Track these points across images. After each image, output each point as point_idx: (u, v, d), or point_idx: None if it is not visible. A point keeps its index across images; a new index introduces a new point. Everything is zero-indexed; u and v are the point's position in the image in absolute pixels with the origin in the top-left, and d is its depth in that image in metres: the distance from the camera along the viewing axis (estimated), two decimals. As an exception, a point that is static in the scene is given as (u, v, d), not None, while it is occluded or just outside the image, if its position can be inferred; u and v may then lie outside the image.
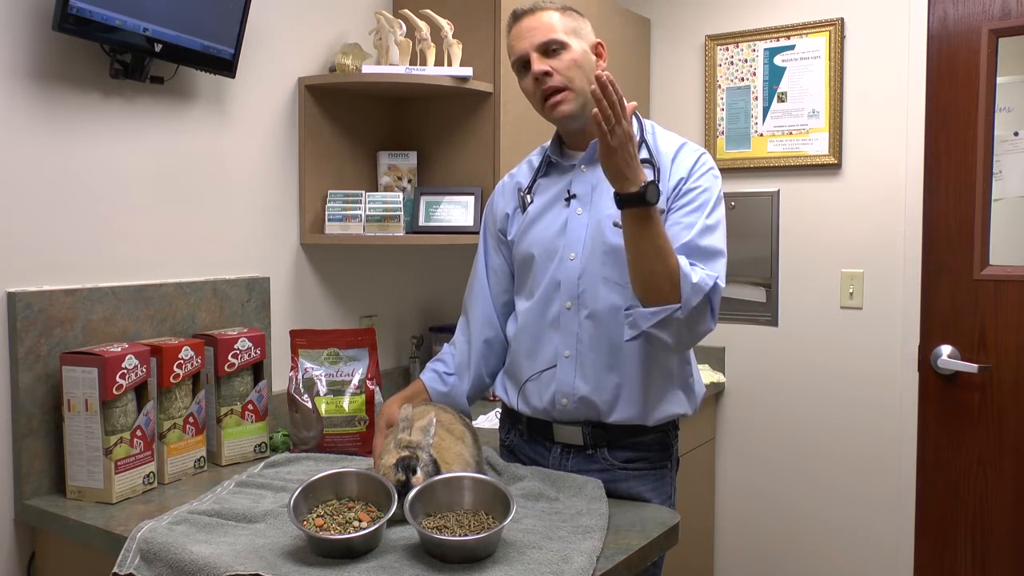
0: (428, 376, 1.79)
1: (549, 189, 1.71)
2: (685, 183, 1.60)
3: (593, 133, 1.65)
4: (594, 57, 1.65)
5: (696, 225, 1.56)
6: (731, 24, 2.92)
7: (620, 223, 1.58)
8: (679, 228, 1.56)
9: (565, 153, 1.73)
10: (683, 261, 1.49)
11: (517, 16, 1.65)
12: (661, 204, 1.59)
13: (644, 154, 1.64)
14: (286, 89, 2.26)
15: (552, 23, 1.61)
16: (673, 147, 1.65)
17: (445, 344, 1.86)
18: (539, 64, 1.60)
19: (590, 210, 1.64)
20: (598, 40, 1.68)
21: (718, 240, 1.57)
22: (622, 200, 1.44)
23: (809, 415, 2.84)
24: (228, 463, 1.90)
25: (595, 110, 1.37)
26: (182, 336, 1.93)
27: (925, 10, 2.59)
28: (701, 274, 1.49)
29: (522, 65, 1.64)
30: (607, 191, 1.63)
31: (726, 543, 3.03)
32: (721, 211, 1.61)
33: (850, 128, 2.74)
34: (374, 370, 2.01)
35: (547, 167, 1.74)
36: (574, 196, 1.66)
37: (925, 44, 2.60)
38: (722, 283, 1.53)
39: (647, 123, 1.71)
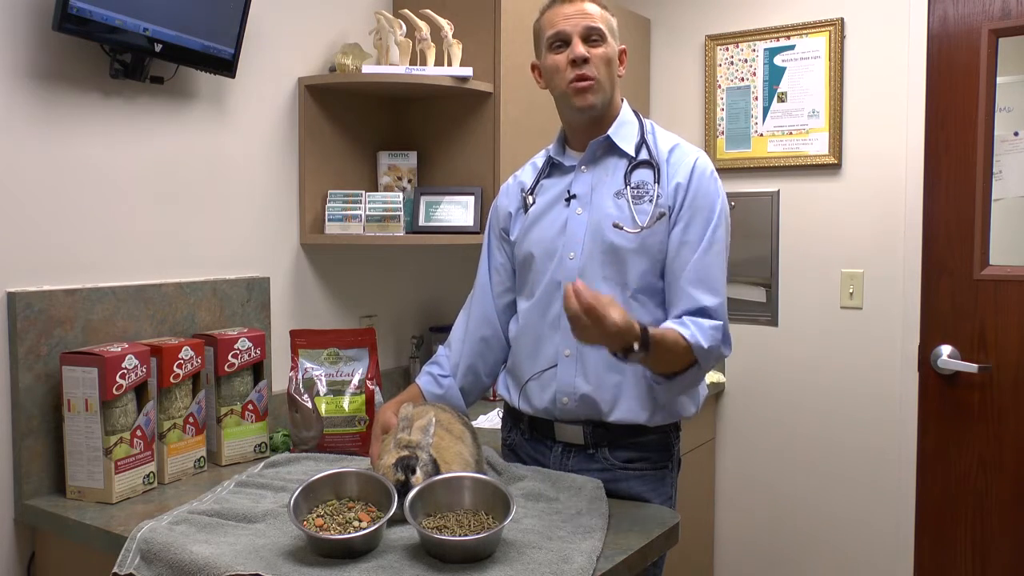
0: (424, 380, 1.79)
1: (551, 190, 1.72)
2: (687, 191, 1.60)
3: (593, 133, 1.67)
4: (618, 61, 1.67)
5: (701, 242, 1.58)
6: (731, 24, 2.92)
7: (620, 224, 1.59)
8: (685, 247, 1.59)
9: (567, 153, 1.74)
10: (689, 334, 1.51)
11: None
12: (662, 207, 1.59)
13: (644, 155, 1.65)
14: (286, 89, 2.26)
15: (597, 14, 1.63)
16: (668, 147, 1.66)
17: (440, 346, 1.86)
18: (581, 48, 1.60)
19: (590, 210, 1.64)
20: (623, 47, 1.70)
21: (721, 255, 1.60)
22: (620, 358, 1.44)
23: (809, 415, 2.84)
24: (228, 463, 1.90)
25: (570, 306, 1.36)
26: (182, 336, 1.93)
27: (925, 10, 2.59)
28: (710, 334, 1.53)
29: (558, 42, 1.64)
30: (607, 191, 1.64)
31: (726, 543, 3.03)
32: (724, 220, 1.61)
33: (850, 128, 2.74)
34: (374, 370, 2.01)
35: (550, 168, 1.75)
36: (574, 196, 1.67)
37: (925, 44, 2.60)
38: (724, 312, 1.58)
39: (647, 122, 1.71)
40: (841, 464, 2.78)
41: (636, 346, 1.40)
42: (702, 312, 1.56)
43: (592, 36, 1.62)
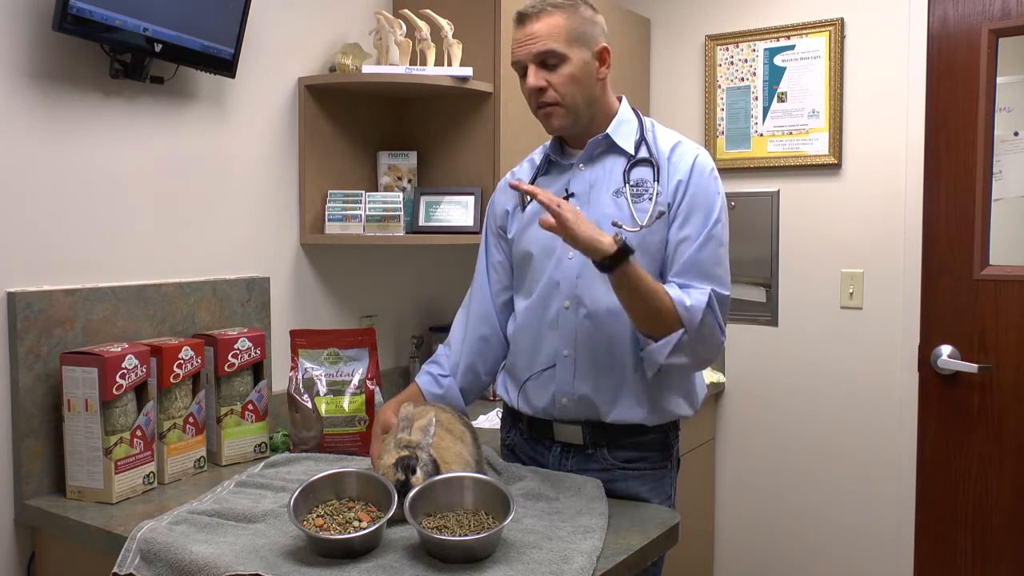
0: (424, 380, 1.78)
1: (549, 187, 1.70)
2: (687, 188, 1.59)
3: (589, 134, 1.66)
4: (597, 63, 1.62)
5: (698, 238, 1.57)
6: (731, 24, 2.92)
7: (619, 223, 1.58)
8: (683, 242, 1.58)
9: (565, 152, 1.73)
10: (674, 291, 1.52)
11: (522, 18, 1.61)
12: (662, 205, 1.59)
13: (644, 153, 1.64)
14: (286, 89, 2.26)
15: (555, 30, 1.57)
16: (669, 145, 1.64)
17: (440, 345, 1.86)
18: (534, 79, 1.58)
19: (588, 209, 1.63)
20: (604, 45, 1.63)
21: (718, 251, 1.58)
22: (603, 267, 1.44)
23: (809, 415, 2.84)
24: (228, 463, 1.90)
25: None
26: (182, 336, 1.93)
27: (925, 10, 2.59)
28: (695, 295, 1.52)
29: (520, 71, 1.64)
30: (605, 190, 1.64)
31: (726, 543, 3.03)
32: (723, 217, 1.60)
33: (850, 128, 2.74)
34: (374, 370, 2.01)
35: (547, 166, 1.74)
36: (572, 195, 1.66)
37: (925, 44, 2.60)
38: (722, 291, 1.56)
39: (647, 120, 1.70)
40: (841, 464, 2.78)
41: (614, 247, 1.41)
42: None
43: (548, 60, 1.58)
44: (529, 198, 1.71)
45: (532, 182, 1.74)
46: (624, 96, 1.73)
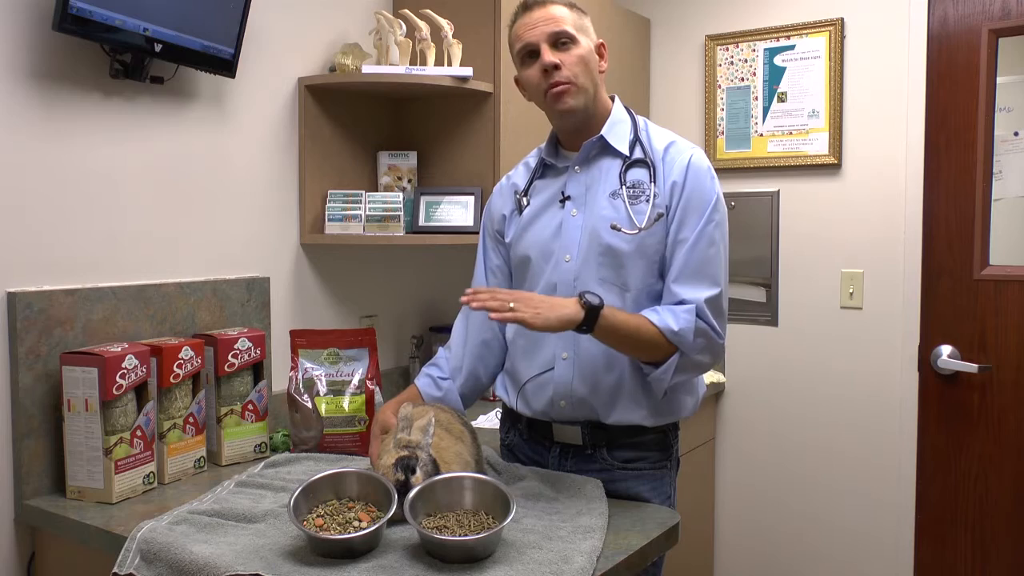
0: (423, 382, 1.78)
1: (545, 191, 1.71)
2: (682, 190, 1.58)
3: (585, 134, 1.66)
4: (597, 57, 1.65)
5: (688, 240, 1.57)
6: (731, 24, 2.92)
7: (618, 226, 1.58)
8: (679, 246, 1.57)
9: (560, 154, 1.73)
10: (657, 319, 1.52)
11: (528, 6, 1.64)
12: (659, 207, 1.59)
13: (639, 153, 1.64)
14: (286, 89, 2.26)
15: (563, 16, 1.61)
16: (663, 144, 1.64)
17: (440, 348, 1.86)
18: (550, 55, 1.59)
19: (584, 211, 1.63)
20: (600, 41, 1.68)
21: (708, 251, 1.57)
22: (583, 331, 1.47)
23: (809, 415, 2.84)
24: (228, 463, 1.90)
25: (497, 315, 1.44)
26: (182, 336, 1.93)
27: (925, 10, 2.59)
28: (682, 317, 1.52)
29: (528, 55, 1.63)
30: (601, 192, 1.63)
31: (726, 543, 3.04)
32: (717, 216, 1.58)
33: (850, 128, 2.74)
34: (374, 370, 2.02)
35: (543, 169, 1.74)
36: (568, 198, 1.66)
37: (925, 44, 2.60)
38: (713, 291, 1.55)
39: (640, 120, 1.70)
40: (841, 464, 2.78)
41: (582, 312, 1.45)
42: (680, 304, 1.55)
43: (560, 40, 1.60)
44: (527, 201, 1.71)
45: (529, 185, 1.74)
46: (617, 96, 1.73)
